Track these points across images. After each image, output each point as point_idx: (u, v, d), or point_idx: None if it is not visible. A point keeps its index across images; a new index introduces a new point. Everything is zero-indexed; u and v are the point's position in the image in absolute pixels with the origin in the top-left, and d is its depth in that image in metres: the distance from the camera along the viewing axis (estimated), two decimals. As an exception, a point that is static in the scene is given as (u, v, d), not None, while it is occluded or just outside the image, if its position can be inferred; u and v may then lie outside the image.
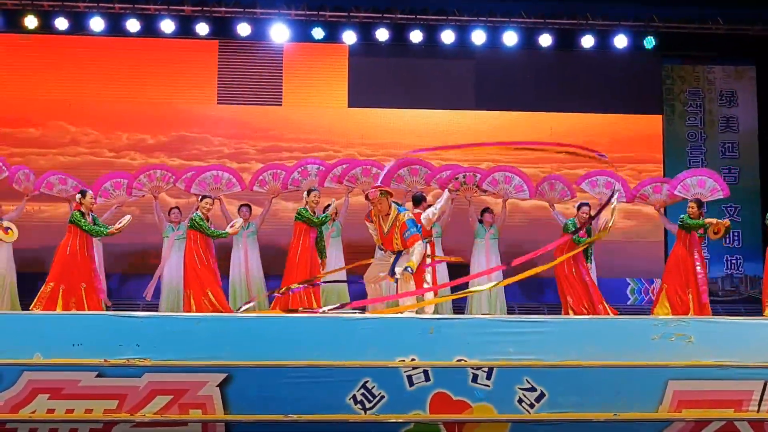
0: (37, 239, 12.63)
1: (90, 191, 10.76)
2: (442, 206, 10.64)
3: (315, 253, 10.98)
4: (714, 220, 10.93)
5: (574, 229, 11.04)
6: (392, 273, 8.73)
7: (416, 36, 14.37)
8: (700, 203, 11.14)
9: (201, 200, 10.75)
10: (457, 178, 11.86)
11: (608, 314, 10.94)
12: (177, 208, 12.17)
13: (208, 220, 10.62)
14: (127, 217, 10.53)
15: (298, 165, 12.34)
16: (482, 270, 11.52)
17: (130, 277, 13.30)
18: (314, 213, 10.97)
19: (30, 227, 12.72)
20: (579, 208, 11.46)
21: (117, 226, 10.43)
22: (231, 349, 6.47)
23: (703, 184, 11.80)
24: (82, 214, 10.49)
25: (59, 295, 10.32)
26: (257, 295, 11.69)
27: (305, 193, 11.15)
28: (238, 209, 12.08)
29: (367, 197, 9.00)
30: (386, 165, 11.81)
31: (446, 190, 10.95)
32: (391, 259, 8.87)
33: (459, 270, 11.82)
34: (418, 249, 8.64)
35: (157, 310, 11.34)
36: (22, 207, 11.91)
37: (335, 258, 11.77)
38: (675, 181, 12.03)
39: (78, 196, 10.74)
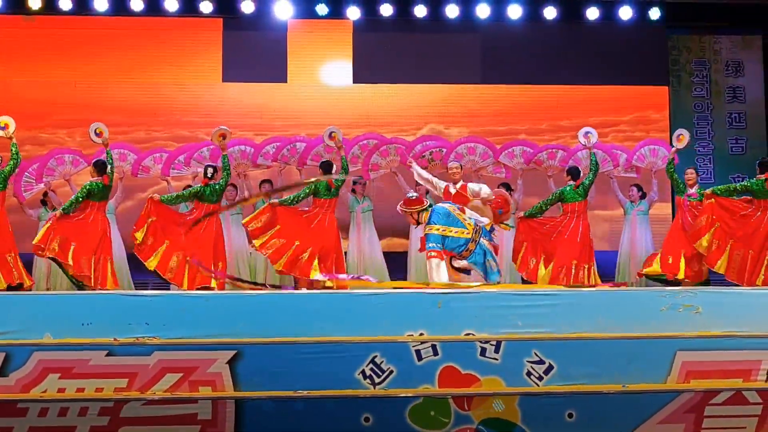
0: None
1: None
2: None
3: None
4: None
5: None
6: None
7: (420, 10, 14.34)
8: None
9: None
10: (423, 156, 11.86)
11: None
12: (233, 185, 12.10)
13: None
14: None
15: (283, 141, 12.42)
16: None
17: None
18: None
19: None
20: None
21: None
22: (240, 326, 6.48)
23: (655, 153, 12.06)
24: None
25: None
26: None
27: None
28: (259, 185, 12.08)
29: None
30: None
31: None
32: None
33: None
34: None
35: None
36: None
37: None
38: (632, 151, 12.16)
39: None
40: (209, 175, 10.88)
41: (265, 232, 10.81)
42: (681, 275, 10.84)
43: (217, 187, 10.87)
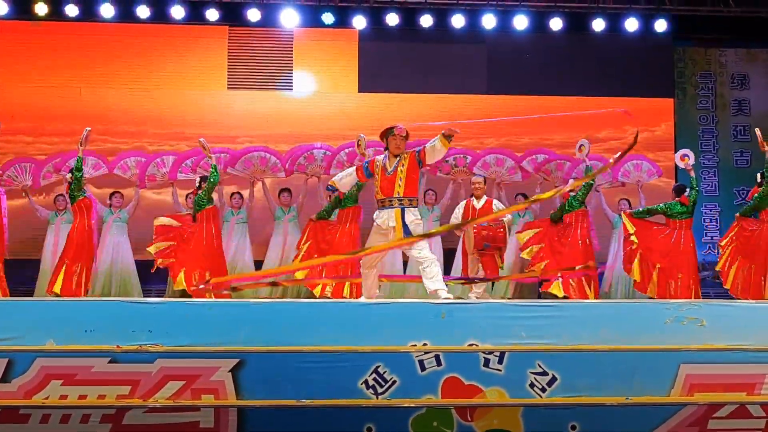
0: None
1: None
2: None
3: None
4: None
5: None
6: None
7: (426, 20, 14.35)
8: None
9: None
10: (446, 161, 11.84)
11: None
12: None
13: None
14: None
15: (303, 149, 12.42)
16: None
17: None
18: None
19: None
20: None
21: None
22: (243, 335, 6.48)
23: (639, 168, 12.28)
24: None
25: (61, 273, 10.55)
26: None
27: None
28: (278, 194, 12.06)
29: (386, 135, 8.40)
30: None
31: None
32: (391, 220, 8.12)
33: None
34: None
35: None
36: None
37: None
38: (616, 169, 12.18)
39: (68, 175, 11.16)
40: (198, 186, 11.01)
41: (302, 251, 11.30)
42: None
43: (200, 197, 10.99)
